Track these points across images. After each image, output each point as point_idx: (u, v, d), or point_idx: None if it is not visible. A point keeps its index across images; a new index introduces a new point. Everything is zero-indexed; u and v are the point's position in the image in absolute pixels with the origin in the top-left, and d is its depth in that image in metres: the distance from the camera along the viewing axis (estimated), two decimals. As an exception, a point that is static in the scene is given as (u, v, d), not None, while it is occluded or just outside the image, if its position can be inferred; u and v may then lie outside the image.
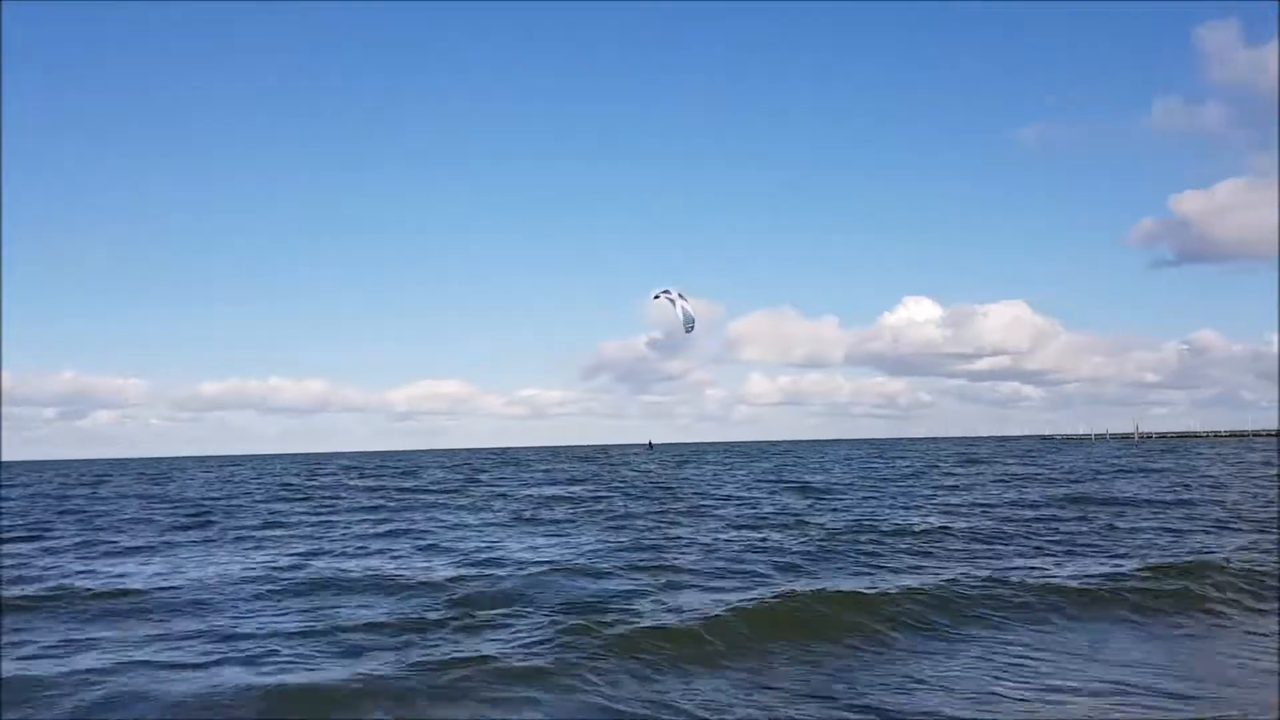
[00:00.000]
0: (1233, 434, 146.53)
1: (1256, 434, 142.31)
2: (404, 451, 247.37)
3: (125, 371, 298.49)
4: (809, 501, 26.02)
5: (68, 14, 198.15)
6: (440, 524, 21.97)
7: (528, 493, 33.38)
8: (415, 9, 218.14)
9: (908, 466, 51.04)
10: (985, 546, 16.20)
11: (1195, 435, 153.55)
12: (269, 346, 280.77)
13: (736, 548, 16.00)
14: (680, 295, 27.77)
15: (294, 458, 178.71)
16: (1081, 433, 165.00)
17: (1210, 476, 34.91)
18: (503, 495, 32.14)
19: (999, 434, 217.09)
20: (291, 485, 44.42)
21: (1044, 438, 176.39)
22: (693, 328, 27.51)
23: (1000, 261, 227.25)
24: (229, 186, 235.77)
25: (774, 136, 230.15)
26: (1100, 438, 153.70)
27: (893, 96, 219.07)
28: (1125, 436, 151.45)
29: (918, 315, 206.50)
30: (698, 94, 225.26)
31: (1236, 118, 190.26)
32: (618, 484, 38.47)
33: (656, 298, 28.36)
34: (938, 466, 50.04)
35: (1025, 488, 30.20)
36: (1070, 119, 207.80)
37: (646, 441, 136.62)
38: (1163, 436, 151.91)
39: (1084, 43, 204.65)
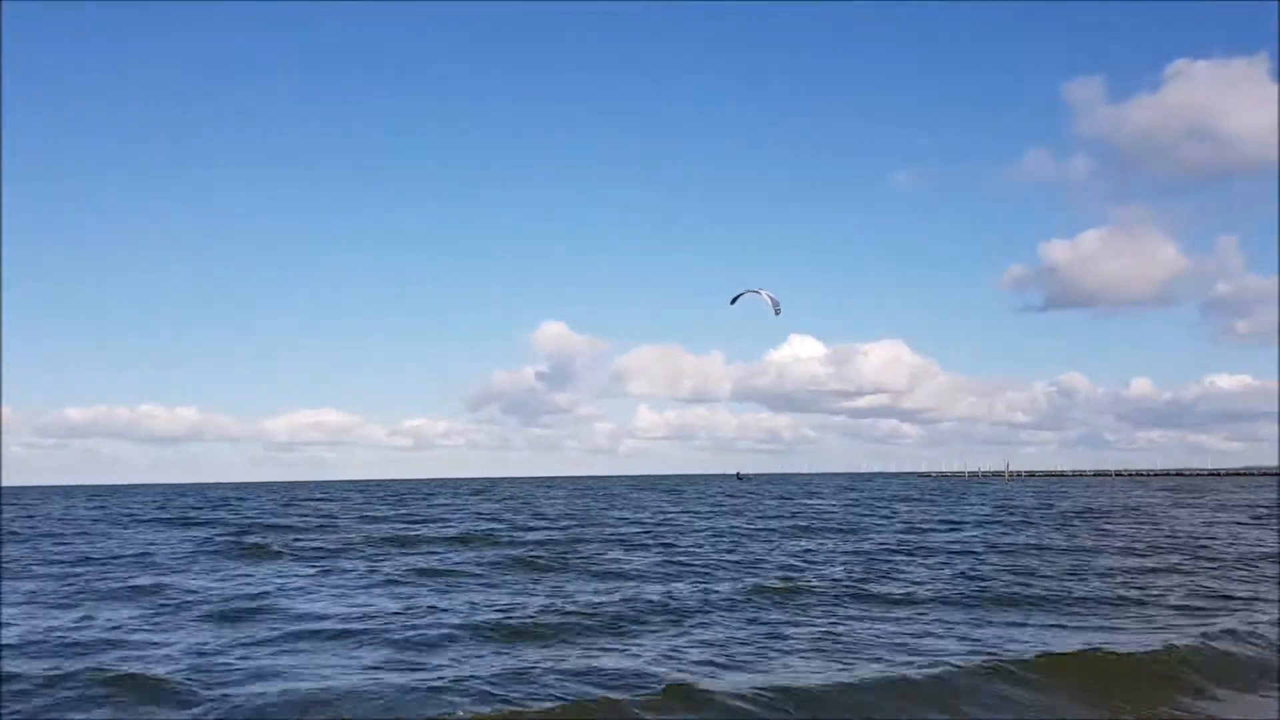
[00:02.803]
0: (1096, 473, 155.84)
1: (1119, 473, 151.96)
2: (286, 483, 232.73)
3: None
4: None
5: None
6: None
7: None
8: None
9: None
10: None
11: (1062, 474, 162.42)
12: (139, 371, 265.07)
13: None
14: (760, 289, 28.30)
15: (163, 489, 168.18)
16: (956, 470, 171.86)
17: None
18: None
19: (880, 470, 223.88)
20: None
21: (922, 474, 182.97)
22: (779, 311, 28.01)
23: (881, 302, 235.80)
24: (92, 203, 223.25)
25: (661, 174, 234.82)
26: (974, 475, 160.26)
27: (778, 137, 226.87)
28: (997, 474, 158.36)
29: (802, 352, 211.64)
30: (584, 132, 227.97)
31: (1099, 170, 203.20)
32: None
33: (734, 301, 28.67)
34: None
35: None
36: (945, 165, 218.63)
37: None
38: (1031, 475, 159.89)
39: (959, 91, 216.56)
